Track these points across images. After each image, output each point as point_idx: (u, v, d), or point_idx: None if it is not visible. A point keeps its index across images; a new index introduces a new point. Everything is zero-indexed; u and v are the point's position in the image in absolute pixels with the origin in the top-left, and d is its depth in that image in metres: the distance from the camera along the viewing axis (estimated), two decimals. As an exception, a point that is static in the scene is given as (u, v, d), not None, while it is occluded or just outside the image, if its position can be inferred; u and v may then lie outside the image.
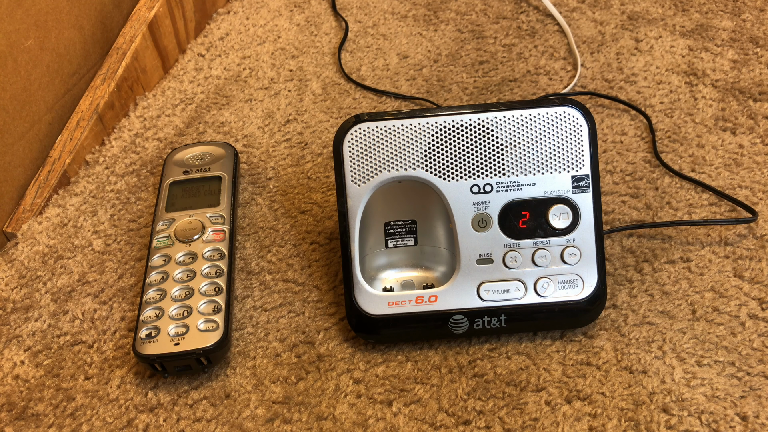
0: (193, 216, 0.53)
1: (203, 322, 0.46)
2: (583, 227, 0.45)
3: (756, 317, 0.47)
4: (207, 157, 0.58)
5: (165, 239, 0.52)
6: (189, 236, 0.51)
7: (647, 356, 0.46)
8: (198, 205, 0.54)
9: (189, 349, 0.45)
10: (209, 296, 0.48)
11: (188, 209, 0.54)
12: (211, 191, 0.55)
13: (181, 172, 0.57)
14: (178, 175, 0.57)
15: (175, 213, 0.53)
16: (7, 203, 0.56)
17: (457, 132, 0.45)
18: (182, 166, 0.57)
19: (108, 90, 0.62)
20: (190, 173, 0.57)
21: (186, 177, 0.56)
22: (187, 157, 0.58)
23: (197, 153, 0.58)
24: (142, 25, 0.65)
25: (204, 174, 0.57)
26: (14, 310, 0.51)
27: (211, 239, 0.51)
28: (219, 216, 0.53)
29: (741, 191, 0.55)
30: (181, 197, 0.55)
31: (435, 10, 0.73)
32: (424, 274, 0.49)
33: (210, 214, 0.53)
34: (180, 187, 0.56)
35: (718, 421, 0.42)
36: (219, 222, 0.53)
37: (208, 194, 0.55)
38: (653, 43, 0.67)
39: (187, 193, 0.55)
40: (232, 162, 0.58)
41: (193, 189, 0.56)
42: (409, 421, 0.44)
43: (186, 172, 0.57)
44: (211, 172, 0.57)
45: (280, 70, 0.68)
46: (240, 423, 0.44)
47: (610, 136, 0.60)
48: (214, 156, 0.58)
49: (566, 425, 0.43)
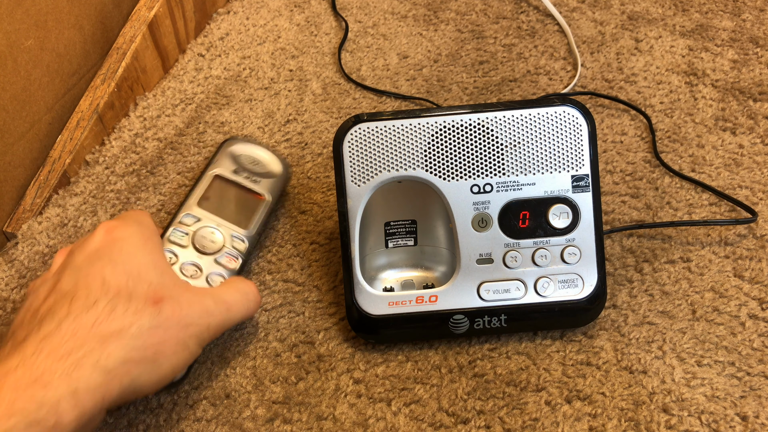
0: (218, 227, 0.50)
1: None
2: (583, 227, 0.45)
3: (756, 317, 0.47)
4: (262, 166, 0.54)
5: (182, 236, 0.49)
6: (204, 247, 0.48)
7: (647, 356, 0.46)
8: (228, 217, 0.51)
9: None
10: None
11: (217, 215, 0.50)
12: (248, 207, 0.52)
13: (232, 169, 0.53)
14: (227, 171, 0.53)
15: (203, 212, 0.50)
16: (7, 203, 0.56)
17: (457, 132, 0.45)
18: (235, 162, 0.53)
19: (108, 90, 0.62)
20: (239, 174, 0.53)
21: (233, 178, 0.52)
22: (243, 155, 0.54)
23: (255, 156, 0.54)
24: (142, 25, 0.65)
25: (251, 185, 0.53)
26: (14, 310, 0.51)
27: (223, 263, 0.48)
28: (241, 240, 0.50)
29: (741, 191, 0.55)
30: (218, 197, 0.52)
31: (435, 10, 0.73)
32: (424, 274, 0.49)
33: (234, 234, 0.50)
34: (222, 184, 0.52)
35: (718, 421, 0.42)
36: (239, 246, 0.49)
37: (243, 209, 0.52)
38: (653, 43, 0.67)
39: (225, 195, 0.52)
40: (281, 185, 0.54)
41: (233, 195, 0.52)
42: (409, 421, 0.44)
43: (236, 171, 0.53)
44: (259, 186, 0.53)
45: (280, 70, 0.68)
46: (240, 423, 0.44)
47: (610, 136, 0.60)
48: (269, 169, 0.54)
49: (566, 425, 0.43)
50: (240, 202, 0.52)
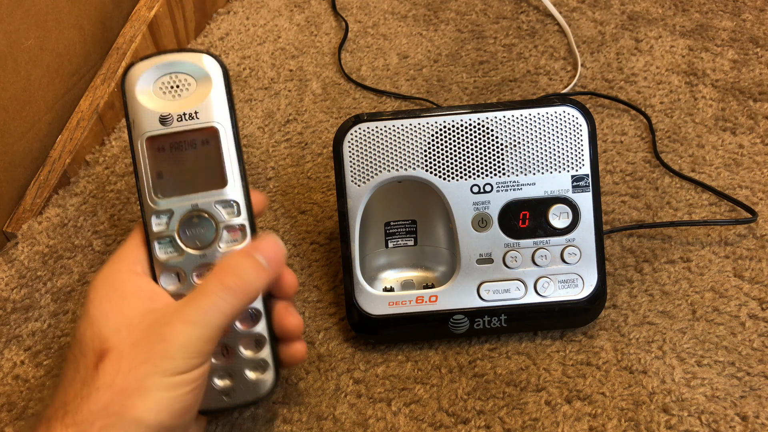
0: (196, 206, 0.37)
1: (251, 369, 0.39)
2: (583, 227, 0.45)
3: (756, 317, 0.47)
4: (187, 83, 0.38)
5: (169, 246, 0.38)
6: (200, 241, 0.38)
7: (647, 356, 0.46)
8: (196, 184, 0.38)
9: (241, 401, 0.39)
10: (247, 327, 0.39)
11: (186, 193, 0.38)
12: (209, 157, 0.38)
13: (157, 118, 0.37)
14: (155, 125, 0.37)
15: (168, 200, 0.37)
16: (7, 203, 0.56)
17: (457, 132, 0.45)
18: (155, 104, 0.37)
19: (108, 90, 0.62)
20: (169, 122, 0.37)
21: (167, 130, 0.37)
22: (159, 81, 0.37)
23: (171, 74, 0.38)
24: (142, 25, 0.65)
25: (191, 125, 0.37)
26: (14, 310, 0.51)
27: (229, 242, 0.38)
28: (230, 204, 0.38)
29: (741, 191, 0.55)
30: (169, 169, 0.38)
31: (435, 10, 0.73)
32: (424, 274, 0.49)
33: (218, 202, 0.38)
34: (162, 148, 0.38)
35: (718, 421, 0.42)
36: (233, 213, 0.38)
37: (205, 163, 0.38)
38: (653, 43, 0.67)
39: (174, 160, 0.38)
40: (224, 93, 0.38)
41: (182, 155, 0.38)
42: (409, 421, 0.44)
43: (164, 120, 0.37)
44: (200, 121, 0.37)
45: (280, 70, 0.68)
46: (240, 423, 0.44)
47: (610, 136, 0.60)
48: (196, 81, 0.38)
49: (566, 425, 0.43)
50: (195, 157, 0.38)
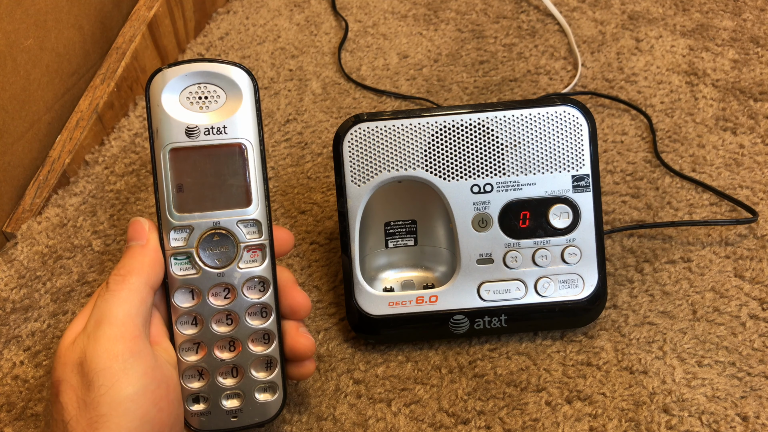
0: (218, 224, 0.37)
1: (260, 391, 0.39)
2: (583, 227, 0.45)
3: (756, 317, 0.47)
4: (216, 95, 0.37)
5: (186, 263, 0.37)
6: (219, 259, 0.37)
7: (648, 356, 0.45)
8: (219, 202, 0.37)
9: (249, 423, 0.39)
10: (260, 349, 0.39)
11: (207, 210, 0.37)
12: (235, 174, 0.37)
13: (183, 130, 0.36)
14: (180, 137, 0.36)
15: (189, 215, 0.37)
16: (6, 203, 0.56)
17: (457, 132, 0.44)
18: (182, 115, 0.36)
19: (108, 90, 0.62)
20: (195, 135, 0.36)
21: (193, 143, 0.36)
22: (187, 90, 0.36)
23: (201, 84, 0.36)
24: (142, 25, 0.64)
25: (219, 139, 0.36)
26: (14, 310, 0.51)
27: (248, 261, 0.38)
28: (252, 223, 0.37)
29: (741, 191, 0.55)
30: (191, 183, 0.37)
31: (435, 9, 0.73)
32: (424, 274, 0.49)
33: (241, 221, 0.37)
34: (186, 161, 0.36)
35: (719, 422, 0.42)
36: (254, 233, 0.37)
37: (229, 180, 0.37)
38: (654, 43, 0.67)
39: (197, 174, 0.37)
40: (253, 109, 0.37)
41: (206, 170, 0.37)
42: (410, 422, 0.44)
43: (190, 132, 0.36)
44: (228, 135, 0.36)
45: (280, 69, 0.68)
46: (240, 423, 0.44)
47: (610, 136, 0.60)
48: (226, 94, 0.37)
49: (566, 425, 0.43)
50: (221, 174, 0.37)
